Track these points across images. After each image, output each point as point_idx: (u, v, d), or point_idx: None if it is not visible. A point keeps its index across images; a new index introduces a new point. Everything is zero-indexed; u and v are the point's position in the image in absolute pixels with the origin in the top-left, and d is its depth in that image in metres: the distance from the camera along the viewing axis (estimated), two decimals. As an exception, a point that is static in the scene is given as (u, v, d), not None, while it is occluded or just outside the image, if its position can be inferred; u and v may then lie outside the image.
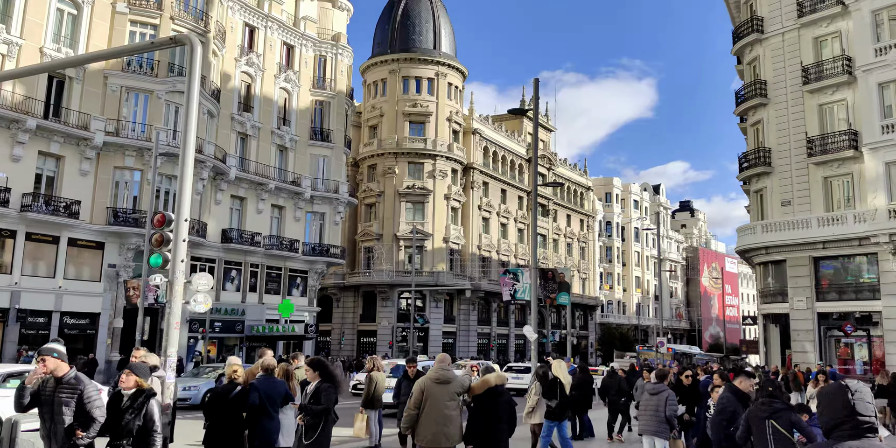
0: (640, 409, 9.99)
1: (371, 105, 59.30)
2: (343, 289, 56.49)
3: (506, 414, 8.24)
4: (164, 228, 9.63)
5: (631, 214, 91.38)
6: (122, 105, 33.57)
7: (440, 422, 7.96)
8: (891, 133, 29.35)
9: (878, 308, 29.66)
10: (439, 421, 7.97)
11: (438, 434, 7.95)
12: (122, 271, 32.68)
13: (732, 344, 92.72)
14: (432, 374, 8.28)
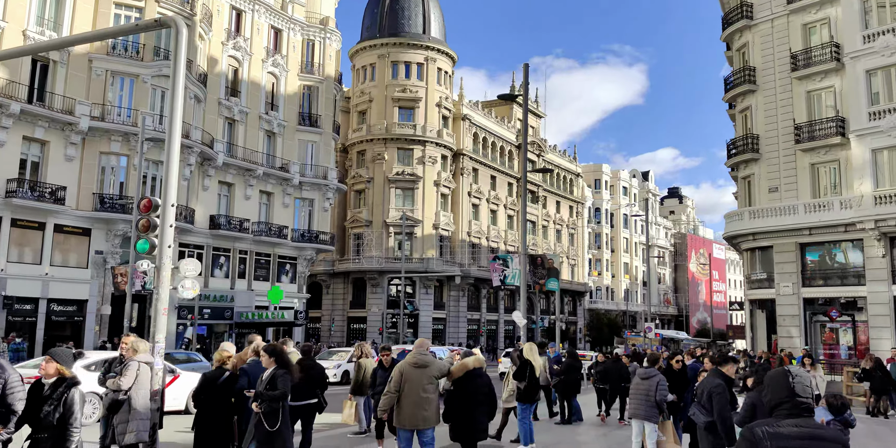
0: (630, 393, 10.06)
1: (360, 90, 58.98)
2: (333, 275, 56.46)
3: (484, 395, 8.56)
4: (151, 214, 9.55)
5: (620, 201, 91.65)
6: (108, 89, 33.24)
7: (418, 404, 8.27)
8: (878, 120, 29.47)
9: (863, 294, 29.93)
10: (417, 404, 8.27)
11: (416, 416, 8.25)
12: (109, 258, 32.51)
13: (719, 329, 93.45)
14: (410, 358, 8.53)
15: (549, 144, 77.27)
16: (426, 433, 8.42)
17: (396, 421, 8.51)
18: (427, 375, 8.43)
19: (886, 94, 29.78)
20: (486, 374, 8.89)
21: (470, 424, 8.53)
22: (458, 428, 8.60)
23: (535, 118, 73.83)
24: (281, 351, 8.07)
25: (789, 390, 3.68)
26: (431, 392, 8.42)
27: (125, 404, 7.94)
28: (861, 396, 21.37)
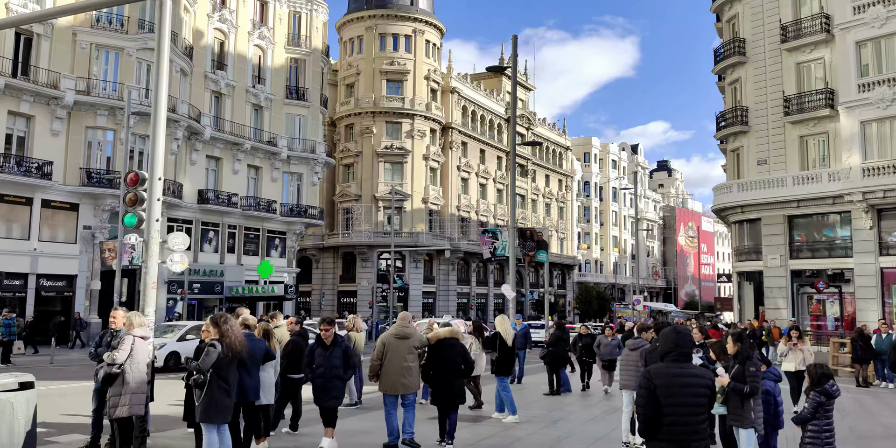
0: (621, 364, 10.15)
1: (347, 63, 58.42)
2: (322, 250, 56.46)
3: (457, 364, 9.46)
4: (138, 187, 9.48)
5: (609, 174, 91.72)
6: (93, 63, 32.81)
7: (399, 372, 9.13)
8: (867, 92, 29.49)
9: (850, 265, 30.22)
10: (399, 372, 9.12)
11: (397, 383, 9.15)
12: (97, 233, 32.37)
13: (707, 301, 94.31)
14: (393, 330, 9.40)
15: (539, 118, 77.00)
16: (407, 397, 9.31)
17: (381, 387, 9.31)
18: (408, 346, 9.26)
19: (876, 66, 29.77)
20: (459, 343, 9.72)
21: (446, 390, 9.38)
22: (436, 393, 9.49)
23: (524, 91, 73.46)
24: (223, 322, 7.61)
25: (675, 343, 5.08)
26: (412, 361, 9.26)
27: (119, 378, 7.95)
28: (848, 367, 21.68)
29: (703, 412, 5.04)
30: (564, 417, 12.38)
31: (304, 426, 10.56)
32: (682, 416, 4.92)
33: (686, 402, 4.94)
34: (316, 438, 9.90)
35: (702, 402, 5.00)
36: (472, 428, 11.19)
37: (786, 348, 13.83)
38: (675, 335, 5.14)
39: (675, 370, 5.01)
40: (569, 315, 71.96)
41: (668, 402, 4.90)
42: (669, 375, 4.99)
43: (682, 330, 5.29)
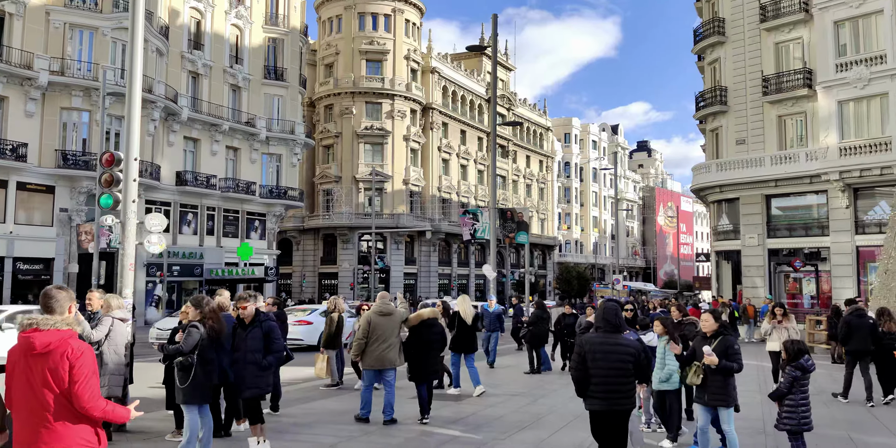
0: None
1: (326, 43, 57.82)
2: (303, 232, 56.24)
3: (437, 342, 10.08)
4: (114, 168, 9.35)
5: (589, 155, 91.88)
6: (67, 43, 32.22)
7: (383, 348, 9.54)
8: (844, 71, 29.65)
9: (826, 244, 30.58)
10: (382, 347, 9.53)
11: (382, 358, 9.53)
12: (74, 215, 32.00)
13: (686, 280, 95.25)
14: (376, 308, 9.79)
15: (521, 98, 76.82)
16: (388, 373, 9.64)
17: (363, 363, 9.69)
18: (392, 322, 9.69)
19: (853, 46, 29.93)
20: (439, 323, 10.31)
21: (424, 366, 9.85)
22: (414, 369, 9.87)
23: (504, 71, 73.18)
24: (204, 303, 7.55)
25: (602, 317, 6.05)
26: (395, 337, 9.67)
27: (97, 359, 7.88)
28: (823, 344, 22.00)
29: (629, 375, 5.92)
30: (545, 395, 12.48)
31: (284, 407, 10.56)
32: (609, 378, 5.84)
33: (612, 366, 5.84)
34: (297, 419, 9.93)
35: (626, 366, 5.88)
36: (455, 406, 11.26)
37: (770, 327, 13.13)
38: (603, 311, 6.10)
39: (602, 339, 5.95)
40: (549, 295, 72.38)
41: (596, 365, 5.84)
42: (597, 344, 5.92)
43: (609, 306, 6.17)
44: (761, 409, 11.03)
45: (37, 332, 4.03)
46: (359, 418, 9.71)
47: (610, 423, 5.97)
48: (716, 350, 7.17)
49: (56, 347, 3.98)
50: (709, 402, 7.26)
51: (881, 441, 8.97)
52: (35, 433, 3.94)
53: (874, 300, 20.58)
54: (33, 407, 3.95)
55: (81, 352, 4.05)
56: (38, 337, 4.00)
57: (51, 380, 3.93)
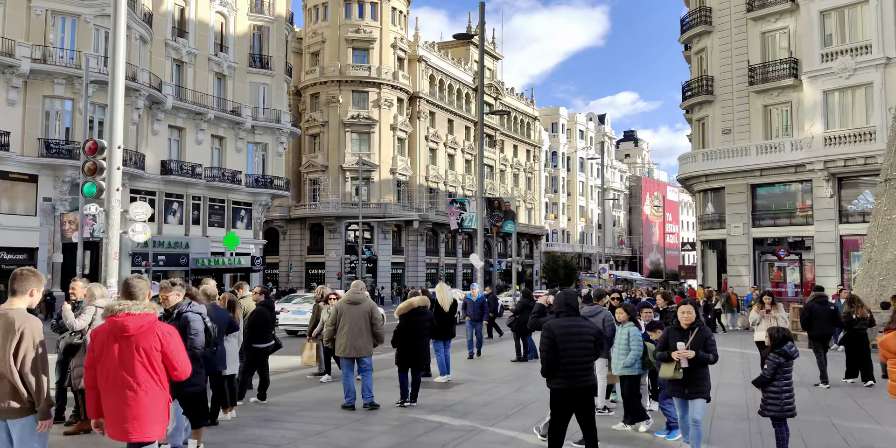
0: None
1: (312, 30, 57.41)
2: (289, 221, 56.05)
3: (427, 329, 10.33)
4: (97, 156, 9.26)
5: (576, 144, 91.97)
6: (49, 30, 31.83)
7: (352, 336, 9.65)
8: (830, 61, 29.78)
9: (810, 233, 30.83)
10: (351, 335, 9.65)
11: (349, 346, 9.66)
12: (58, 205, 31.73)
13: (672, 269, 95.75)
14: (346, 296, 9.95)
15: (508, 87, 76.71)
16: (363, 360, 9.81)
17: (337, 351, 9.91)
18: (360, 311, 9.75)
19: (839, 36, 30.05)
20: (429, 311, 10.57)
21: (415, 352, 10.06)
22: (403, 355, 10.04)
23: (492, 60, 72.99)
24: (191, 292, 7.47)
25: (564, 303, 6.60)
26: (364, 325, 9.72)
27: (81, 348, 7.84)
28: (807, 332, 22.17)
29: (591, 354, 6.54)
30: (531, 382, 12.53)
31: (271, 396, 10.56)
32: (574, 357, 6.41)
33: (576, 346, 6.42)
34: (284, 407, 9.92)
35: (588, 346, 6.50)
36: (441, 394, 11.29)
37: (758, 316, 12.66)
38: (564, 297, 6.68)
39: (567, 323, 6.52)
40: (536, 284, 72.63)
41: (564, 347, 6.38)
42: (563, 327, 6.49)
43: (569, 292, 6.84)
44: (745, 396, 11.13)
45: (129, 317, 4.68)
46: (345, 406, 9.80)
47: (576, 399, 6.50)
48: (694, 341, 7.12)
49: (148, 328, 4.69)
50: (689, 395, 7.18)
51: (863, 426, 9.08)
52: (125, 404, 4.60)
53: (857, 289, 20.79)
54: (125, 381, 4.60)
55: (169, 330, 4.85)
56: (131, 320, 4.66)
57: (144, 357, 4.63)
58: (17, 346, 4.54)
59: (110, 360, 4.65)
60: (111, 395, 4.65)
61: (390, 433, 8.44)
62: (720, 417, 9.46)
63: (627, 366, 8.57)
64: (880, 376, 13.08)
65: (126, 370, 4.62)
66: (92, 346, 4.77)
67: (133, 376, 4.62)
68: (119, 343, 4.65)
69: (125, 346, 4.64)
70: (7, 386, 4.51)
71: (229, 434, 8.11)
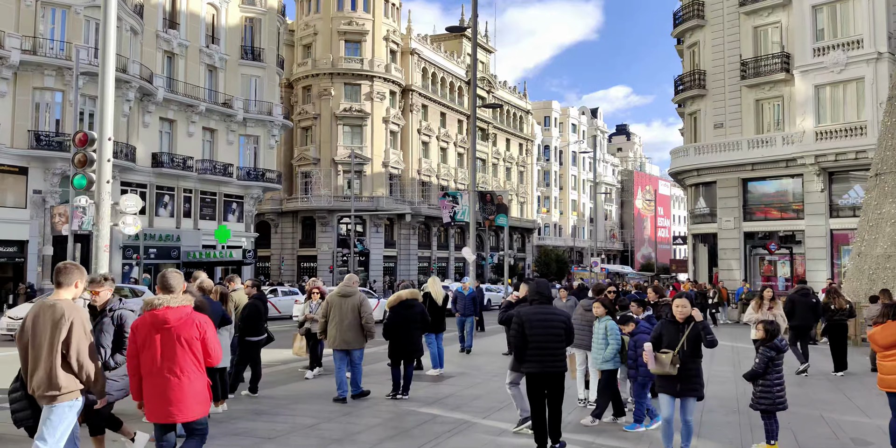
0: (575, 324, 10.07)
1: (304, 23, 57.14)
2: (281, 214, 55.91)
3: (417, 321, 10.34)
4: (87, 148, 9.19)
5: (569, 138, 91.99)
6: (39, 21, 31.57)
7: (341, 329, 9.81)
8: (822, 56, 29.86)
9: (801, 227, 30.96)
10: (340, 328, 9.81)
11: (339, 339, 9.81)
12: (48, 197, 31.54)
13: (663, 263, 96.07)
14: (338, 289, 10.10)
15: (501, 81, 76.60)
16: (354, 353, 9.96)
17: (327, 343, 10.14)
18: (351, 304, 9.86)
19: (831, 30, 30.12)
20: (419, 303, 10.59)
21: (406, 344, 10.13)
22: (395, 347, 10.12)
23: (484, 53, 72.85)
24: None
25: (536, 291, 7.09)
26: (354, 318, 9.83)
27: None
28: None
29: (561, 341, 6.95)
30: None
31: (263, 388, 10.55)
32: (543, 344, 6.84)
33: (545, 332, 6.86)
34: (276, 400, 9.91)
35: (559, 333, 6.93)
36: (434, 387, 11.31)
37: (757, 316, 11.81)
38: (535, 285, 7.18)
39: (537, 310, 6.97)
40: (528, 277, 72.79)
41: (533, 333, 6.83)
42: (532, 314, 6.91)
43: (540, 281, 7.34)
44: (735, 389, 11.19)
45: (169, 310, 5.19)
46: (336, 399, 9.82)
47: (546, 383, 6.96)
48: (690, 336, 6.93)
49: (187, 319, 5.21)
50: (681, 392, 6.89)
51: (853, 419, 9.14)
52: (169, 389, 5.11)
53: (847, 282, 20.90)
54: (168, 369, 5.12)
55: (205, 320, 5.37)
56: (171, 313, 5.18)
57: (185, 345, 5.16)
58: (68, 335, 4.94)
59: (153, 350, 5.15)
60: (155, 381, 5.15)
61: (382, 426, 8.45)
62: (710, 410, 9.51)
63: (607, 360, 8.58)
64: (869, 370, 13.19)
65: (168, 359, 5.13)
66: (133, 337, 5.25)
67: (175, 364, 5.13)
68: (161, 334, 5.14)
69: (167, 336, 5.14)
70: (46, 374, 4.91)
71: (221, 427, 8.10)
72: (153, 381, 5.15)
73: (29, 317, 5.08)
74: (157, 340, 5.14)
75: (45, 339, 4.95)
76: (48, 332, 4.95)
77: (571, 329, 7.13)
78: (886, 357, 7.16)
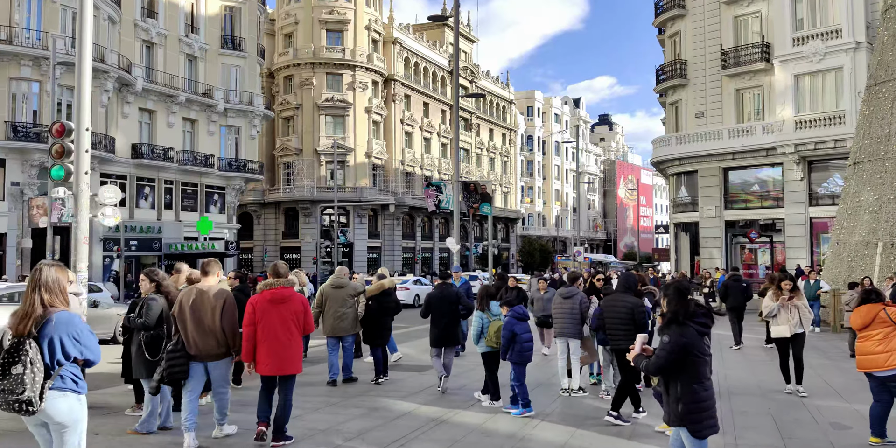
0: (554, 313, 10.05)
1: (285, 12, 56.65)
2: (263, 205, 55.60)
3: (392, 309, 11.06)
4: (65, 139, 9.08)
5: (552, 128, 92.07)
6: (14, 10, 31.07)
7: (336, 317, 10.56)
8: (801, 45, 30.05)
9: (781, 216, 31.25)
10: (335, 316, 10.57)
11: (336, 327, 10.59)
12: (26, 189, 31.17)
13: (646, 252, 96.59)
14: (330, 281, 10.78)
15: (484, 70, 76.43)
16: (346, 339, 10.74)
17: (323, 331, 10.69)
18: (344, 294, 10.60)
19: (810, 20, 30.29)
20: (395, 293, 11.38)
21: (378, 330, 10.84)
22: (371, 332, 10.86)
23: (467, 43, 72.64)
24: (155, 275, 7.51)
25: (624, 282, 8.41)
26: (348, 307, 10.60)
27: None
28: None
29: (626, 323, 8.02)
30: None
31: (246, 380, 10.50)
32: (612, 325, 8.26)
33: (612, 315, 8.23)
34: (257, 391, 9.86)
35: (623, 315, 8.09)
36: (418, 377, 11.34)
37: (776, 306, 9.69)
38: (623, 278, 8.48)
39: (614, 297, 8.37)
40: (512, 268, 72.96)
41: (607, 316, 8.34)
42: (610, 301, 8.35)
43: (628, 274, 8.61)
44: (716, 374, 11.29)
45: (282, 289, 6.95)
46: (329, 382, 10.51)
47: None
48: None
49: (292, 296, 7.00)
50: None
51: (831, 404, 9.26)
52: (285, 348, 6.86)
53: (826, 270, 21.14)
54: (279, 334, 6.83)
55: (304, 297, 7.29)
56: (283, 292, 6.95)
57: (293, 316, 6.92)
58: (222, 310, 6.77)
59: (271, 319, 6.79)
60: (271, 343, 6.80)
61: (367, 416, 8.46)
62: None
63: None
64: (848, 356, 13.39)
65: (284, 325, 6.83)
66: (251, 309, 6.84)
67: (288, 329, 6.86)
68: (278, 307, 6.82)
69: (284, 308, 6.84)
70: (213, 339, 6.77)
71: (207, 419, 8.07)
72: (269, 344, 6.78)
73: (186, 299, 6.83)
74: (274, 312, 6.79)
75: (206, 314, 6.74)
76: (209, 310, 6.74)
77: (638, 313, 8.04)
78: (861, 338, 7.31)
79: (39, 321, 4.13)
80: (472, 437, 7.52)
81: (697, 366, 4.76)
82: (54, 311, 4.19)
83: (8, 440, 7.12)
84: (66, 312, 4.23)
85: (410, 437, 7.43)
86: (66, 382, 4.16)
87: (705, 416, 4.78)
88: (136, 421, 7.49)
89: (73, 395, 4.17)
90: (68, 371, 4.18)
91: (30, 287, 4.26)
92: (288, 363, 6.88)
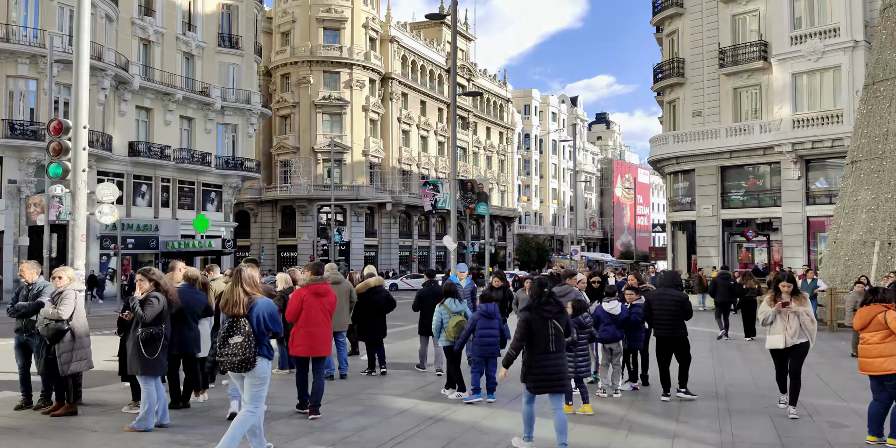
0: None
1: (282, 10, 56.58)
2: (260, 203, 55.57)
3: (382, 307, 11.32)
4: (62, 136, 9.06)
5: (549, 127, 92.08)
6: (11, 8, 31.03)
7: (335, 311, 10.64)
8: (799, 44, 30.07)
9: (778, 215, 31.28)
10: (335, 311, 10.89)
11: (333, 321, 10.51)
12: (24, 187, 31.12)
13: (642, 251, 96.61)
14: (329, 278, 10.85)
15: (481, 69, 76.41)
16: (341, 334, 11.05)
17: None
18: (341, 290, 10.61)
19: (808, 19, 30.32)
20: (385, 290, 11.69)
21: (373, 327, 11.22)
22: (363, 330, 11.35)
23: (464, 41, 72.61)
24: (152, 274, 7.51)
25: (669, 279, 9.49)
26: (344, 302, 10.76)
27: (68, 334, 7.70)
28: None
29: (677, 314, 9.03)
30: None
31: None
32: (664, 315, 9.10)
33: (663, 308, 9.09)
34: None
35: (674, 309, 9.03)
36: (415, 376, 11.33)
37: (771, 311, 8.33)
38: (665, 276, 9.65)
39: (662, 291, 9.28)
40: (509, 266, 72.97)
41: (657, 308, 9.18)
42: (658, 295, 9.23)
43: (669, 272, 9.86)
44: (713, 374, 11.32)
45: (323, 284, 8.30)
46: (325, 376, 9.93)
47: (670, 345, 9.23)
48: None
49: (329, 290, 8.35)
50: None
51: (826, 403, 9.27)
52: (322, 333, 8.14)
53: (823, 269, 21.17)
54: (320, 321, 8.11)
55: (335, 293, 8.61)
56: (324, 286, 8.28)
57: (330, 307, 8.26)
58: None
59: (315, 309, 8.06)
60: (310, 329, 8.01)
61: (364, 414, 8.46)
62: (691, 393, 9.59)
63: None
64: (849, 354, 13.42)
65: (325, 314, 8.15)
66: (296, 301, 8.06)
67: (327, 317, 8.18)
68: (320, 299, 8.14)
69: (325, 300, 8.18)
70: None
71: (202, 417, 8.07)
72: (309, 329, 7.97)
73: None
74: (317, 303, 8.06)
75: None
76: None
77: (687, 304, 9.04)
78: (864, 341, 7.32)
79: (248, 305, 5.86)
80: (469, 434, 7.52)
81: (538, 339, 6.48)
82: (256, 297, 5.94)
83: (8, 438, 7.11)
84: (264, 298, 5.97)
85: (407, 435, 7.43)
86: (264, 350, 5.87)
87: (539, 379, 6.46)
88: (134, 418, 7.48)
89: (267, 360, 5.89)
90: (266, 340, 5.88)
91: (233, 282, 6.03)
92: (320, 346, 8.00)
